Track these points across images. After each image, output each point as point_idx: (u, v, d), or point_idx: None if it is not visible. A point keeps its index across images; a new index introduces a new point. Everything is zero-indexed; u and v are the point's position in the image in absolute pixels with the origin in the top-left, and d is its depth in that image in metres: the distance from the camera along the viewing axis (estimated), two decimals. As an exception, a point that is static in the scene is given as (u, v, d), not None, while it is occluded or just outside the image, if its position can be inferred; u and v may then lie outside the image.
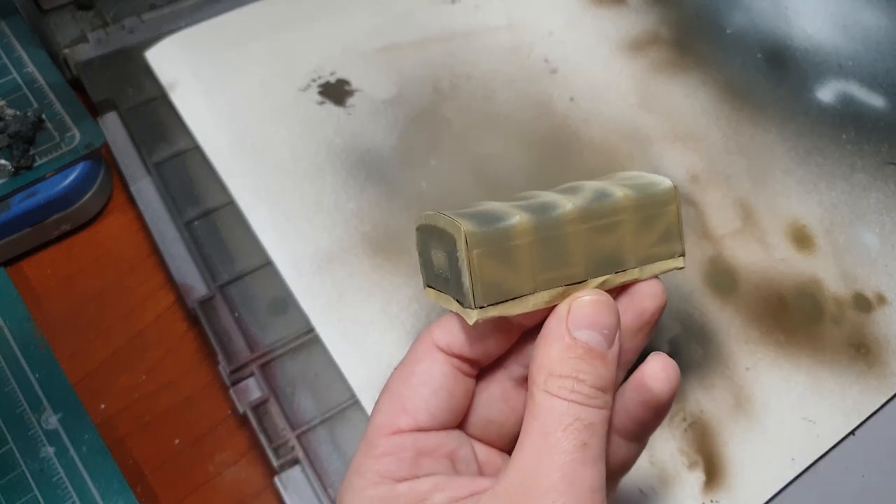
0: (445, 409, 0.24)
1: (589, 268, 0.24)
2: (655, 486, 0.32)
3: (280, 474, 0.31)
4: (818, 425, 0.33)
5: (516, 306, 0.23)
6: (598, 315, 0.22)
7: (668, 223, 0.25)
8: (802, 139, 0.42)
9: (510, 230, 0.22)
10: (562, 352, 0.22)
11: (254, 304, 0.35)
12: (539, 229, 0.23)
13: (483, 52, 0.44)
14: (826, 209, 0.40)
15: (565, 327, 0.22)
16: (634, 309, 0.24)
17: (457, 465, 0.24)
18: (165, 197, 0.38)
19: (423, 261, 0.25)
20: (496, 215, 0.23)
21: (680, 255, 0.25)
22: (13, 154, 0.36)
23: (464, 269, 0.22)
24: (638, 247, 0.24)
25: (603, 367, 0.22)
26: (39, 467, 0.31)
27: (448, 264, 0.23)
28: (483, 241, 0.22)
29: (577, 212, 0.23)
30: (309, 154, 0.40)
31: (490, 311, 0.22)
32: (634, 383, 0.23)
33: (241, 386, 0.33)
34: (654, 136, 0.42)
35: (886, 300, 0.37)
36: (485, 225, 0.22)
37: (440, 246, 0.23)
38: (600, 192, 0.24)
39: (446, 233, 0.23)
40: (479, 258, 0.22)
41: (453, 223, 0.22)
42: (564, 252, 0.23)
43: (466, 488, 0.22)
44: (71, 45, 0.43)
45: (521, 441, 0.21)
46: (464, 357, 0.24)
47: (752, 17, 0.47)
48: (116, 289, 0.36)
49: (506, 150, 0.40)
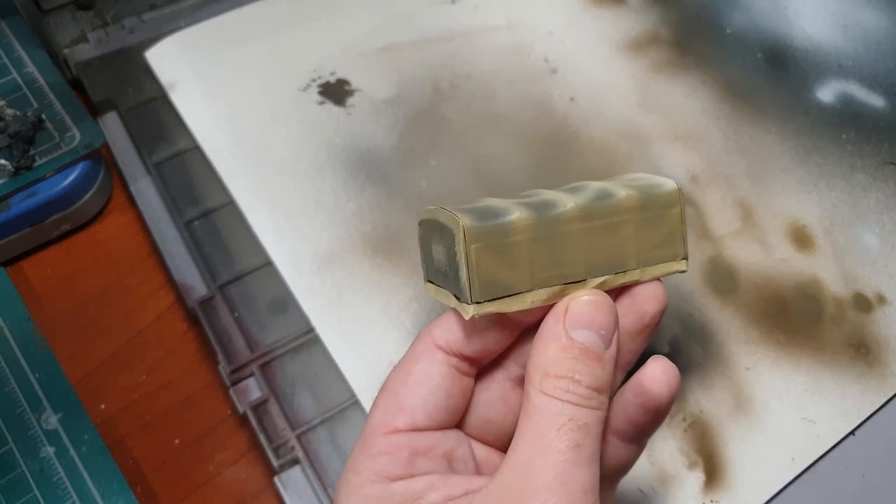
0: (443, 409, 0.23)
1: (589, 267, 0.23)
2: (655, 486, 0.31)
3: (280, 474, 0.31)
4: (818, 425, 0.33)
5: (514, 303, 0.22)
6: (596, 315, 0.22)
7: (672, 225, 0.25)
8: (802, 139, 0.42)
9: (509, 226, 0.22)
10: (558, 352, 0.22)
11: (254, 304, 0.35)
12: (538, 226, 0.22)
13: (483, 52, 0.44)
14: (826, 209, 0.39)
15: (562, 327, 0.22)
16: (635, 311, 0.24)
17: (454, 464, 0.24)
18: (165, 197, 0.38)
19: (425, 255, 0.25)
20: (496, 211, 0.22)
21: (682, 258, 0.25)
22: (13, 154, 0.36)
23: (462, 263, 0.22)
24: (640, 248, 0.24)
25: (599, 368, 0.22)
26: (39, 467, 0.30)
27: (447, 259, 0.23)
28: (481, 236, 0.22)
29: (577, 210, 0.23)
30: (309, 154, 0.39)
31: (487, 306, 0.22)
32: (634, 386, 0.23)
33: (241, 386, 0.33)
34: (654, 136, 0.41)
35: (886, 300, 0.37)
36: (484, 220, 0.22)
37: (440, 241, 0.23)
38: (603, 192, 0.24)
39: (446, 227, 0.23)
40: (476, 253, 0.22)
41: (453, 218, 0.22)
42: (564, 250, 0.23)
43: (461, 487, 0.22)
44: (71, 45, 0.43)
45: (515, 440, 0.21)
46: (463, 355, 0.24)
47: (752, 17, 0.47)
48: (116, 289, 0.36)
49: (506, 150, 0.40)
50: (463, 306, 0.22)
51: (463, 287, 0.22)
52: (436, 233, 0.23)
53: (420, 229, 0.24)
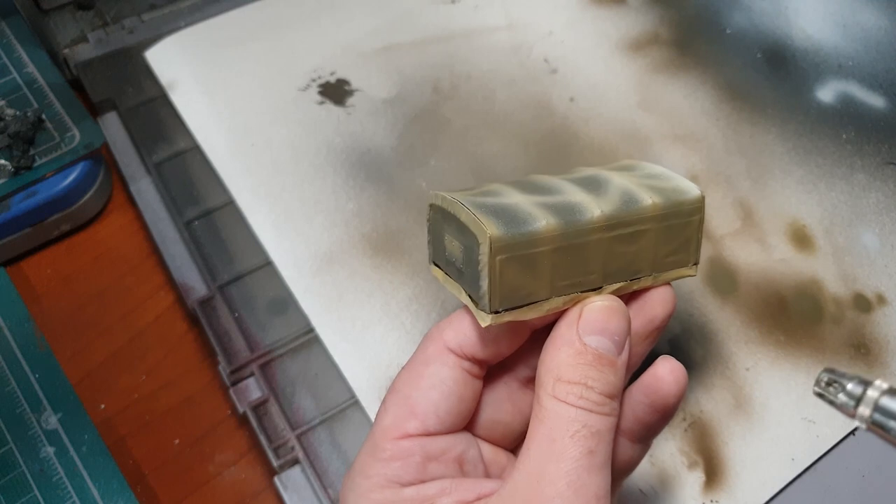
0: (455, 413, 0.23)
1: (606, 274, 0.23)
2: (655, 486, 0.31)
3: (280, 474, 0.31)
4: (818, 425, 0.33)
5: (531, 311, 0.22)
6: (610, 321, 0.22)
7: (690, 233, 0.25)
8: (802, 139, 0.42)
9: (536, 236, 0.22)
10: (571, 357, 0.21)
11: (254, 305, 0.35)
12: (565, 236, 0.22)
13: (483, 52, 0.43)
14: (826, 209, 0.39)
15: (576, 332, 0.22)
16: (645, 315, 0.24)
17: (464, 467, 0.24)
18: (165, 197, 0.37)
19: (434, 239, 0.24)
20: (520, 216, 0.22)
21: (694, 263, 0.25)
22: (13, 154, 0.36)
23: (484, 272, 0.21)
24: (656, 255, 0.24)
25: (612, 375, 0.22)
26: (39, 467, 0.30)
27: (465, 258, 0.22)
28: (508, 247, 0.21)
29: (604, 219, 0.23)
30: (309, 154, 0.39)
31: (505, 316, 0.22)
32: (643, 386, 0.23)
33: (241, 386, 0.33)
34: (654, 137, 0.41)
35: (886, 300, 0.37)
36: (511, 227, 0.21)
37: (458, 237, 0.22)
38: (628, 197, 0.24)
39: (468, 229, 0.22)
40: (501, 265, 0.21)
41: (477, 222, 0.21)
42: (584, 259, 0.23)
43: (473, 491, 0.22)
44: (71, 45, 0.43)
45: (526, 445, 0.21)
46: (475, 359, 0.23)
47: (751, 17, 0.46)
48: (116, 289, 0.36)
49: (505, 150, 0.40)
50: (480, 313, 0.22)
51: (482, 295, 0.22)
52: (453, 226, 0.23)
53: (431, 212, 0.24)
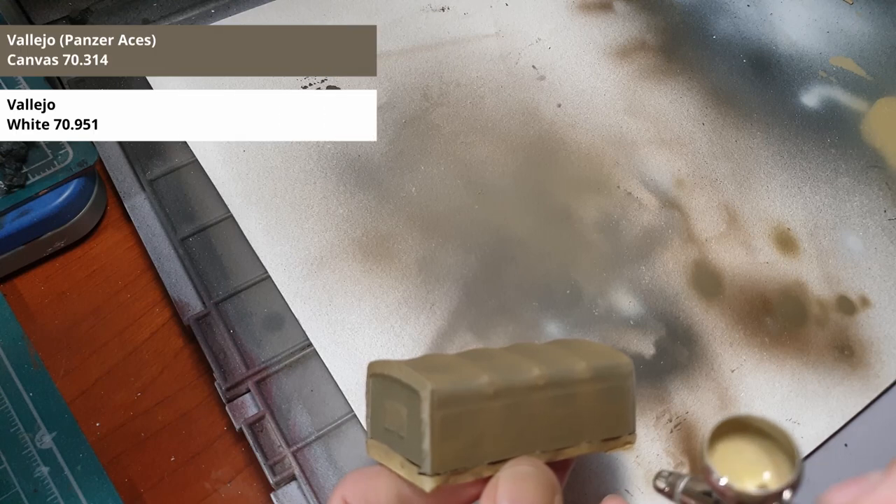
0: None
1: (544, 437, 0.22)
2: (641, 487, 0.30)
3: (277, 491, 0.30)
4: (803, 426, 0.32)
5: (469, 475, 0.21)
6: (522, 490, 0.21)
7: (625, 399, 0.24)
8: (787, 143, 0.40)
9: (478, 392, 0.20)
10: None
11: (249, 321, 0.33)
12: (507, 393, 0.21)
13: (472, 60, 0.42)
14: (810, 212, 0.38)
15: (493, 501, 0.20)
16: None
17: None
18: (160, 213, 0.35)
19: (373, 412, 0.22)
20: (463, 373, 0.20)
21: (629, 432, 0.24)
22: (6, 172, 0.34)
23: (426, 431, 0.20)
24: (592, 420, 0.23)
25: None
26: (34, 487, 0.29)
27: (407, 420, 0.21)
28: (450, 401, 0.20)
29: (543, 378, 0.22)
30: (300, 159, 0.37)
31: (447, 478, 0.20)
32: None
33: (237, 402, 0.31)
34: (641, 142, 0.40)
35: (870, 303, 0.35)
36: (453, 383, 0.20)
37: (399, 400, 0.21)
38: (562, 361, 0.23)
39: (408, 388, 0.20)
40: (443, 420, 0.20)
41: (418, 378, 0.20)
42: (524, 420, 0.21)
43: None
44: (63, 58, 0.40)
45: None
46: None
47: (737, 24, 0.45)
48: (111, 306, 0.34)
49: (494, 156, 0.38)
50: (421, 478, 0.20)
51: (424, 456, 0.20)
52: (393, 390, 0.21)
53: (371, 382, 0.22)
